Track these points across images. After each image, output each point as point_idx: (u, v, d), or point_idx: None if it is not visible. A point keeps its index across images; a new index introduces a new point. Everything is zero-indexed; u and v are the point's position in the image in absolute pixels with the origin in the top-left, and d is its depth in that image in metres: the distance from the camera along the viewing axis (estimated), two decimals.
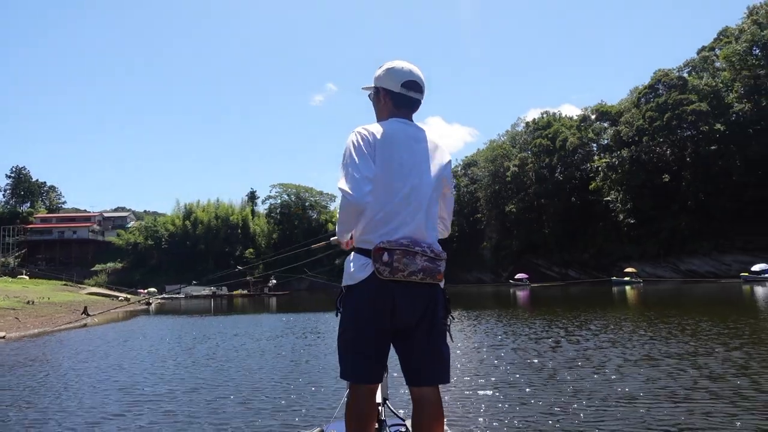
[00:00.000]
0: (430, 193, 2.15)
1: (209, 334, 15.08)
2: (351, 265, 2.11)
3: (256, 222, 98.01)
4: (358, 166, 2.05)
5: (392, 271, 1.97)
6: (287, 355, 9.99)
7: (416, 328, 2.06)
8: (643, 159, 53.92)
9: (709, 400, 5.41)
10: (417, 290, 2.03)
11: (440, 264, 2.06)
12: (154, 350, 11.51)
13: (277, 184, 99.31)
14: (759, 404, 5.17)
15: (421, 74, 2.28)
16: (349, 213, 2.05)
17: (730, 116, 49.77)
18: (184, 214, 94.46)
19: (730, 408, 5.06)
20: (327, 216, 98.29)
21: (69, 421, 5.47)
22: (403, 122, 2.23)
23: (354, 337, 2.07)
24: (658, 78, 53.23)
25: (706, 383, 6.16)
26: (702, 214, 50.93)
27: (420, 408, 2.07)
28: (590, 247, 60.67)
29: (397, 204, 2.07)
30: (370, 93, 2.37)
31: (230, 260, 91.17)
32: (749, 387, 5.90)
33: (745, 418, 4.71)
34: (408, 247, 1.99)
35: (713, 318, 13.56)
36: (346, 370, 2.10)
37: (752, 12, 51.31)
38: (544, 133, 66.25)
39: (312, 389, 6.62)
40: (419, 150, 2.18)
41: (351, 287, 2.09)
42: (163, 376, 8.14)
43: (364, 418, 2.07)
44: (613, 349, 9.04)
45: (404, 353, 2.11)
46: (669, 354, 8.36)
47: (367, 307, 2.03)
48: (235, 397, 6.34)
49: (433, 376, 2.08)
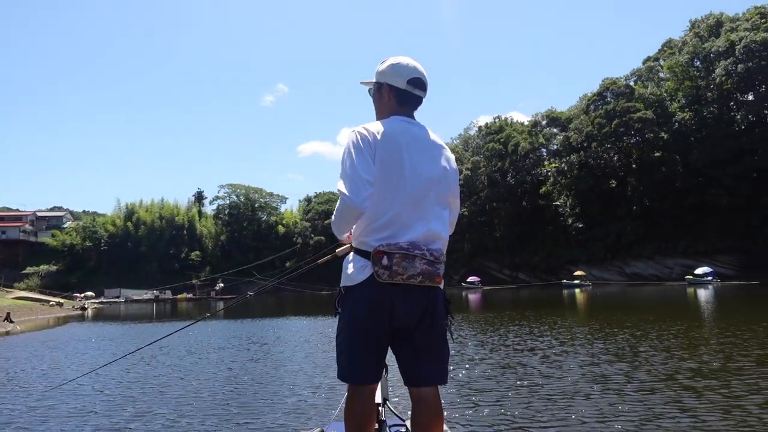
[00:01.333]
0: (433, 195, 2.10)
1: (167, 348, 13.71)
2: (350, 266, 2.10)
3: (203, 223, 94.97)
4: (357, 169, 2.00)
5: (391, 275, 1.95)
6: (287, 356, 9.74)
7: (415, 329, 2.06)
8: (592, 164, 55.22)
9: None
10: (416, 293, 2.02)
11: (439, 267, 2.04)
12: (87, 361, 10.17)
13: (226, 184, 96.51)
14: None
15: (425, 71, 2.21)
16: (347, 216, 2.03)
17: (673, 124, 51.63)
18: (125, 214, 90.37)
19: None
20: (277, 218, 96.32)
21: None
22: (407, 120, 2.16)
23: (352, 338, 2.07)
24: (607, 86, 54.66)
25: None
26: (646, 219, 52.62)
27: (419, 408, 2.07)
28: (540, 251, 61.74)
29: (397, 206, 2.03)
30: (370, 88, 2.30)
31: (175, 263, 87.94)
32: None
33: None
34: (407, 250, 1.97)
35: (669, 322, 13.36)
36: (344, 371, 2.09)
37: (694, 25, 53.52)
38: (497, 138, 66.99)
39: (312, 390, 6.58)
40: (422, 150, 2.12)
41: (350, 288, 2.07)
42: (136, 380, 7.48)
43: (364, 418, 2.08)
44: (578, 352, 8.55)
45: (402, 354, 2.10)
46: (610, 351, 8.24)
47: (366, 308, 2.02)
48: (235, 397, 6.28)
49: (431, 377, 2.07)
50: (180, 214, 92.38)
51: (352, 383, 2.09)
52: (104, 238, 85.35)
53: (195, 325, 16.36)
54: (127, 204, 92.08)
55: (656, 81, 55.21)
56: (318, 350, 10.77)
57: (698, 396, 5.47)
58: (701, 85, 50.50)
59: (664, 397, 5.49)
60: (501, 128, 68.87)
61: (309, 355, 10.02)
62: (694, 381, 6.22)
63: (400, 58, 2.20)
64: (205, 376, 8.00)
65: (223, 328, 17.94)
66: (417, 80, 2.17)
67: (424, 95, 2.22)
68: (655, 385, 6.04)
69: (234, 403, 6.02)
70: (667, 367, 7.13)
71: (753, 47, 43.12)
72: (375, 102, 2.28)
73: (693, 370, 6.86)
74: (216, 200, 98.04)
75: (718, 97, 49.59)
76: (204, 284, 77.05)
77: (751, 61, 43.88)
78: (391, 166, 2.02)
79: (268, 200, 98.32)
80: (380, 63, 2.24)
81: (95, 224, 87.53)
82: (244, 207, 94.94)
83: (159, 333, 16.46)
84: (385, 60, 2.23)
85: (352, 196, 1.96)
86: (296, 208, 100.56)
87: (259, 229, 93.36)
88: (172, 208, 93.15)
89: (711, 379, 6.24)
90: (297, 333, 15.17)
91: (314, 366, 8.61)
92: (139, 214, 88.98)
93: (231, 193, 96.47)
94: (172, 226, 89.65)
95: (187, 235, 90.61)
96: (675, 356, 7.97)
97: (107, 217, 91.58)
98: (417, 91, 2.18)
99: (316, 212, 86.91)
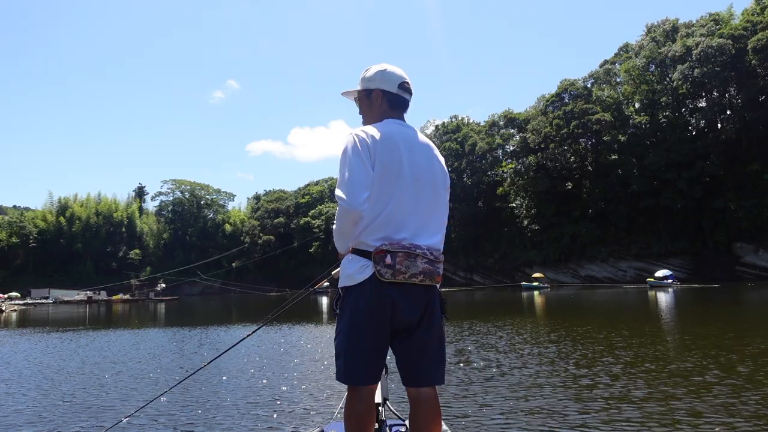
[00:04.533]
0: (430, 195, 2.13)
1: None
2: (349, 267, 2.09)
3: (144, 220, 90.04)
4: (354, 172, 2.02)
5: (394, 273, 1.97)
6: (288, 356, 9.57)
7: (415, 329, 2.06)
8: (549, 166, 54.86)
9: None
10: (416, 292, 2.04)
11: (439, 266, 2.06)
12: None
13: (170, 179, 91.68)
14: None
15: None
16: (347, 221, 2.04)
17: (629, 127, 51.86)
18: (57, 209, 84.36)
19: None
20: (224, 216, 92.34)
21: None
22: (400, 123, 2.21)
23: (352, 339, 2.05)
24: (565, 87, 54.42)
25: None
26: (601, 221, 52.61)
27: (417, 408, 2.07)
28: (495, 253, 61.01)
29: (397, 206, 2.05)
30: (356, 97, 2.34)
31: (113, 262, 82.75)
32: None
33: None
34: (410, 249, 1.99)
35: (635, 326, 12.68)
36: (344, 373, 2.07)
37: (650, 30, 54.03)
38: (454, 137, 65.95)
39: (311, 390, 6.54)
40: (418, 151, 2.16)
41: (350, 288, 2.07)
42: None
43: (364, 418, 2.07)
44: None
45: (402, 354, 2.10)
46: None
47: (367, 308, 2.02)
48: (235, 397, 6.18)
49: (429, 377, 2.08)
50: (119, 209, 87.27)
51: (351, 384, 2.06)
52: (33, 234, 79.33)
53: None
54: (60, 198, 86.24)
55: (613, 84, 55.44)
56: (314, 351, 10.41)
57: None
58: (657, 89, 50.93)
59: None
60: (458, 128, 67.93)
61: (309, 356, 9.72)
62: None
63: (385, 65, 2.27)
64: (202, 377, 7.51)
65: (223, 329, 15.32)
66: (406, 84, 2.25)
67: (410, 99, 2.29)
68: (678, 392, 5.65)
69: (234, 402, 5.90)
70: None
71: (709, 52, 43.54)
72: (363, 108, 2.31)
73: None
74: (158, 196, 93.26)
75: (672, 102, 50.12)
76: (143, 284, 72.56)
77: (706, 66, 44.34)
78: (390, 167, 2.05)
79: (215, 197, 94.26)
80: (365, 71, 2.29)
81: (23, 219, 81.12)
82: (189, 204, 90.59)
83: (89, 345, 13.73)
84: (368, 68, 2.28)
85: (349, 199, 1.98)
86: (245, 206, 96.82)
87: (204, 228, 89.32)
88: (110, 203, 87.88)
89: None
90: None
91: (314, 366, 8.42)
92: (74, 209, 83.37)
93: (175, 189, 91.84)
94: (110, 223, 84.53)
95: (126, 232, 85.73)
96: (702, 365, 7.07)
97: (37, 212, 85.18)
98: (406, 94, 2.26)
99: (265, 210, 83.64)
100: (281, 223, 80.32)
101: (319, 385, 6.80)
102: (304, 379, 7.29)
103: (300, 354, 9.99)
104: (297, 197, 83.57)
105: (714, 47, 43.09)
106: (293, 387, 6.76)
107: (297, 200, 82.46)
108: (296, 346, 11.40)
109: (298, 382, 7.12)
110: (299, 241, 76.60)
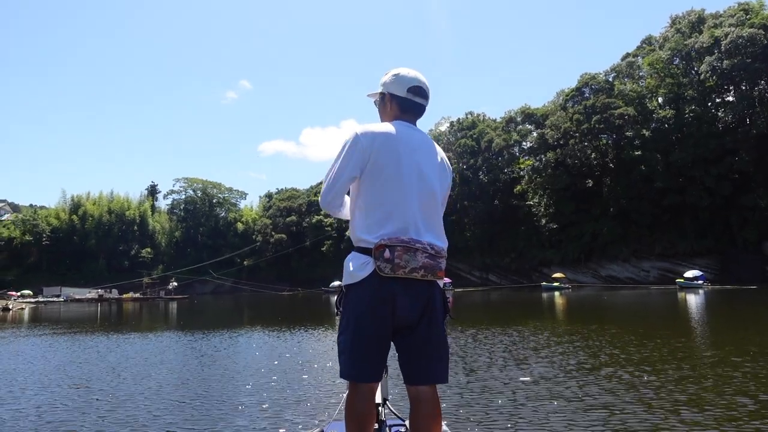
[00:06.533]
0: (431, 193, 2.13)
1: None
2: (350, 264, 2.09)
3: (156, 218, 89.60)
4: (335, 172, 2.08)
5: (393, 268, 1.96)
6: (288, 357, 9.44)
7: (417, 326, 2.04)
8: (568, 163, 53.20)
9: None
10: (418, 287, 2.02)
11: (441, 261, 2.05)
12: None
13: (182, 178, 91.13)
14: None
15: (426, 81, 2.28)
16: (325, 209, 2.18)
17: (653, 122, 50.04)
18: (70, 207, 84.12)
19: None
20: (236, 214, 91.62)
21: None
22: (407, 125, 2.21)
23: (354, 337, 2.03)
24: (585, 81, 52.70)
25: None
26: (622, 219, 50.86)
27: (417, 407, 2.04)
28: (511, 252, 59.43)
29: (396, 203, 2.05)
30: (376, 99, 2.36)
31: (125, 260, 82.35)
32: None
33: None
34: (409, 243, 1.98)
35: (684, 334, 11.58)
36: (346, 369, 2.06)
37: (675, 21, 52.09)
38: (469, 134, 64.41)
39: (311, 390, 6.47)
40: (422, 152, 2.16)
41: (351, 286, 2.07)
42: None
43: (364, 418, 2.05)
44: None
45: (404, 351, 2.08)
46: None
47: (369, 305, 2.01)
48: (234, 398, 6.10)
49: (431, 375, 2.05)
50: (131, 208, 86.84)
51: (354, 381, 2.05)
52: (46, 232, 79.16)
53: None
54: (73, 196, 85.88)
55: (636, 78, 53.57)
56: (317, 352, 10.29)
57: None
58: (683, 82, 49.07)
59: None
60: (474, 124, 66.31)
61: (308, 356, 9.67)
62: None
63: (401, 69, 2.27)
64: (201, 377, 7.59)
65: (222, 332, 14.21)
66: (417, 88, 2.22)
67: (425, 103, 2.26)
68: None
69: (233, 403, 5.86)
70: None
71: (739, 42, 41.69)
72: (380, 111, 2.34)
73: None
74: (171, 194, 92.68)
75: (699, 95, 48.24)
76: (155, 283, 71.92)
77: (736, 57, 42.48)
78: (388, 164, 2.06)
79: (226, 196, 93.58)
80: (384, 75, 2.30)
81: (36, 217, 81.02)
82: (201, 202, 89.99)
83: (106, 352, 12.66)
84: (388, 71, 2.29)
85: (321, 196, 2.13)
86: (257, 204, 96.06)
87: (216, 226, 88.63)
88: (123, 201, 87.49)
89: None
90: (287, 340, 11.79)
91: (314, 366, 8.38)
92: (86, 207, 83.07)
93: (187, 188, 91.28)
94: (122, 221, 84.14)
95: (138, 230, 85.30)
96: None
97: (50, 210, 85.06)
98: (418, 99, 2.23)
99: (277, 209, 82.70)
100: (293, 221, 79.32)
101: (321, 385, 6.78)
102: (305, 379, 7.25)
103: (303, 354, 9.88)
104: (309, 195, 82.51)
105: (744, 37, 41.22)
106: (294, 387, 6.72)
107: (309, 198, 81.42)
108: (302, 346, 11.21)
109: (300, 382, 7.07)
110: (311, 239, 75.56)
